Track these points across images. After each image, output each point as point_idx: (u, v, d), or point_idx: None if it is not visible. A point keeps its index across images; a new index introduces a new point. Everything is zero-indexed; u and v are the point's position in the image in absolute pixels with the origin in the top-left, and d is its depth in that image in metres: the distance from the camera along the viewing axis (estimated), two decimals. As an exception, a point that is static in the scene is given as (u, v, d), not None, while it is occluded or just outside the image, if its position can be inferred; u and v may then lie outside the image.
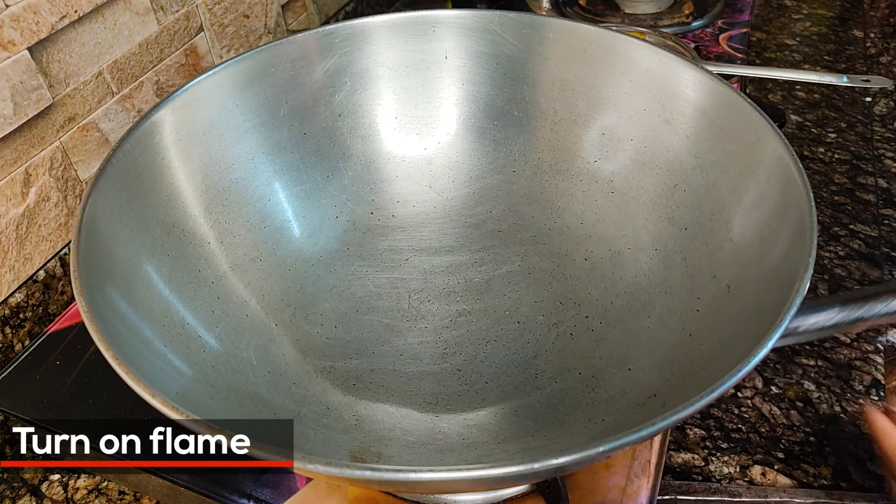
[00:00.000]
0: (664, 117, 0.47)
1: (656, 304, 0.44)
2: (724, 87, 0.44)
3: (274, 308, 0.47)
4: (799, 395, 0.47)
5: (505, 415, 0.42)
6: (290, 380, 0.43)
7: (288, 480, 0.41)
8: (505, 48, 0.53)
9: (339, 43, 0.52)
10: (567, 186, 0.53)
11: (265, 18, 0.71)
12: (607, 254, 0.49)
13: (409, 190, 0.56)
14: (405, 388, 0.44)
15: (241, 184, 0.49)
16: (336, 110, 0.54)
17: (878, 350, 0.50)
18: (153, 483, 0.42)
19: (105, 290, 0.35)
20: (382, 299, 0.50)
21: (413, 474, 0.25)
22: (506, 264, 0.52)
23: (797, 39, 0.90)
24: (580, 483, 0.40)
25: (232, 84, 0.49)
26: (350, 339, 0.47)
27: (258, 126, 0.50)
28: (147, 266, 0.40)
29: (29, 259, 0.51)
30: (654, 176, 0.48)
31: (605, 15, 0.89)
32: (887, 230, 0.61)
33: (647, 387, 0.39)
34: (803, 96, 0.79)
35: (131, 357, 0.30)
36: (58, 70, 0.49)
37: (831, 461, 0.44)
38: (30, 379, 0.46)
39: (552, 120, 0.53)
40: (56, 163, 0.51)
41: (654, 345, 0.42)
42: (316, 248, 0.52)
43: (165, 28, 0.58)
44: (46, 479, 0.44)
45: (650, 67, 0.48)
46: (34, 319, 0.51)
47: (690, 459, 0.44)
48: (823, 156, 0.69)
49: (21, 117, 0.47)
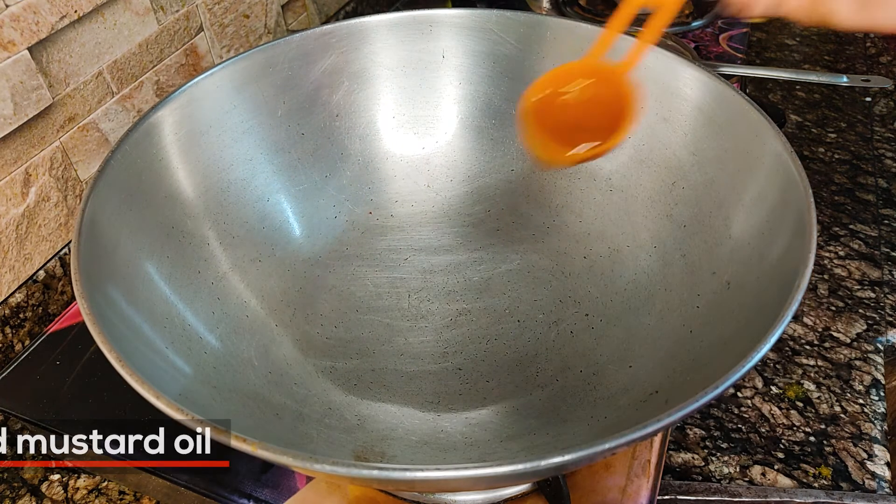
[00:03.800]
0: (662, 115, 0.48)
1: (656, 301, 0.44)
2: (721, 84, 0.44)
3: (274, 308, 0.47)
4: (799, 395, 0.47)
5: (507, 413, 0.42)
6: (292, 380, 0.43)
7: (288, 480, 0.41)
8: (503, 47, 0.53)
9: (336, 43, 0.52)
10: (565, 185, 0.53)
11: (265, 18, 0.71)
12: (606, 252, 0.49)
13: (408, 189, 0.56)
14: (406, 388, 0.44)
15: (240, 184, 0.49)
16: (334, 110, 0.54)
17: (878, 350, 0.50)
18: (153, 483, 0.42)
19: (106, 291, 0.35)
20: (382, 299, 0.50)
21: (419, 473, 0.25)
22: (505, 263, 0.52)
23: (797, 39, 0.90)
24: (580, 483, 0.40)
25: (230, 84, 0.49)
26: (350, 339, 0.47)
27: (256, 126, 0.50)
28: (147, 266, 0.40)
29: (29, 259, 0.51)
30: (653, 173, 0.48)
31: (605, 15, 0.89)
32: (887, 230, 0.61)
33: (648, 384, 0.39)
34: (803, 96, 0.79)
35: (133, 358, 0.30)
36: (58, 70, 0.49)
37: (831, 461, 0.44)
38: (30, 379, 0.46)
39: (552, 119, 0.53)
40: (56, 163, 0.51)
41: (655, 342, 0.42)
42: (315, 249, 0.52)
43: (165, 28, 0.58)
44: (46, 479, 0.44)
45: (648, 65, 0.48)
46: (34, 319, 0.51)
47: (690, 459, 0.44)
48: (823, 156, 0.69)
49: (21, 117, 0.47)
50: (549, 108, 0.41)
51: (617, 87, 0.40)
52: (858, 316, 0.52)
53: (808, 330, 0.52)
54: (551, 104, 0.41)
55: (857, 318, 0.52)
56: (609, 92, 0.40)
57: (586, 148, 0.40)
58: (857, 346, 0.50)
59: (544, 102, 0.41)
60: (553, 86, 0.41)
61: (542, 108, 0.41)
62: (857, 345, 0.50)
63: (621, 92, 0.40)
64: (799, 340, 0.51)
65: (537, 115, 0.41)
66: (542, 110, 0.41)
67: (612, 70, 0.40)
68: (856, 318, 0.52)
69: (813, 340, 0.51)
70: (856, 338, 0.51)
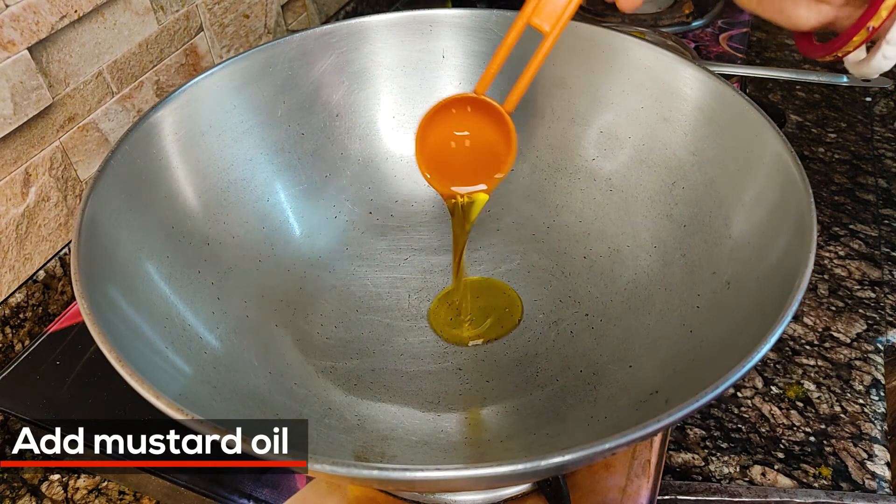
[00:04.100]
0: (662, 115, 0.48)
1: (656, 301, 0.44)
2: (721, 84, 0.44)
3: (274, 308, 0.47)
4: (799, 395, 0.47)
5: (507, 413, 0.42)
6: (292, 380, 0.43)
7: (288, 480, 0.41)
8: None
9: (336, 43, 0.52)
10: (565, 185, 0.53)
11: (265, 18, 0.71)
12: (606, 251, 0.49)
13: (408, 189, 0.56)
14: (407, 388, 0.44)
15: (240, 184, 0.49)
16: (334, 110, 0.54)
17: (878, 350, 0.50)
18: (153, 483, 0.42)
19: (106, 291, 0.35)
20: (382, 299, 0.50)
21: (419, 473, 0.25)
22: (505, 263, 0.52)
23: (796, 39, 0.90)
24: (580, 483, 0.40)
25: (230, 84, 0.49)
26: (350, 339, 0.47)
27: (256, 126, 0.50)
28: (147, 266, 0.40)
29: (29, 259, 0.51)
30: (653, 173, 0.48)
31: (606, 14, 0.89)
32: (887, 230, 0.61)
33: (648, 384, 0.39)
34: (803, 96, 0.79)
35: (133, 358, 0.30)
36: (58, 70, 0.49)
37: (831, 461, 0.44)
38: (30, 379, 0.46)
39: (550, 118, 0.53)
40: (56, 163, 0.51)
41: (655, 342, 0.42)
42: (315, 249, 0.52)
43: (165, 28, 0.58)
44: (46, 479, 0.44)
45: (648, 65, 0.48)
46: (34, 319, 0.51)
47: (690, 459, 0.44)
48: (823, 156, 0.69)
49: (21, 117, 0.47)
50: (435, 145, 0.43)
51: (498, 126, 0.42)
52: (858, 316, 0.52)
53: (808, 330, 0.52)
54: (437, 142, 0.43)
55: (857, 318, 0.52)
56: (491, 133, 0.42)
57: (467, 191, 0.44)
58: (858, 346, 0.50)
59: (431, 139, 0.43)
60: (443, 119, 0.43)
61: (429, 143, 0.43)
62: (858, 345, 0.50)
63: (502, 131, 0.42)
64: (799, 340, 0.51)
65: (425, 150, 0.43)
66: (429, 145, 0.43)
67: (496, 110, 0.41)
68: (856, 318, 0.52)
69: (813, 340, 0.51)
70: (856, 338, 0.51)
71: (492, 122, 0.41)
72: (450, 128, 0.43)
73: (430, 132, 0.43)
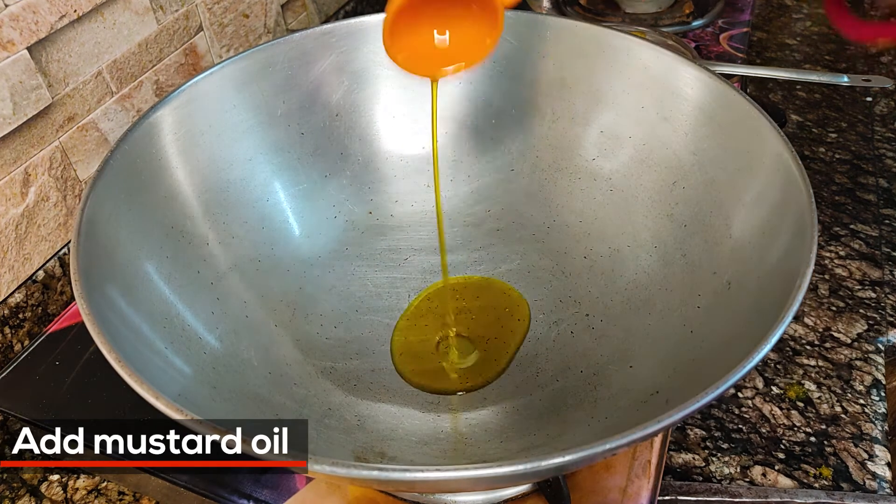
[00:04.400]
0: (663, 115, 0.47)
1: (657, 301, 0.44)
2: (721, 84, 0.44)
3: (274, 308, 0.47)
4: (799, 395, 0.47)
5: (507, 414, 0.42)
6: (292, 380, 0.43)
7: (287, 481, 0.41)
8: (503, 47, 0.53)
9: (336, 42, 0.52)
10: (566, 185, 0.53)
11: (265, 18, 0.71)
12: (607, 251, 0.49)
13: (408, 189, 0.56)
14: (406, 388, 0.44)
15: (240, 184, 0.49)
16: (334, 110, 0.54)
17: (879, 350, 0.50)
18: (153, 483, 0.42)
19: (105, 291, 0.35)
20: (382, 299, 0.50)
21: (419, 473, 0.25)
22: (505, 263, 0.52)
23: (798, 39, 0.90)
24: (580, 483, 0.39)
25: (229, 84, 0.49)
26: (350, 339, 0.47)
27: (256, 126, 0.50)
28: (147, 266, 0.40)
29: (28, 259, 0.50)
30: (653, 173, 0.48)
31: (606, 14, 0.89)
32: (888, 230, 0.61)
33: (649, 384, 0.39)
34: (804, 96, 0.79)
35: (133, 358, 0.30)
36: (57, 70, 0.49)
37: (832, 461, 0.44)
38: (29, 379, 0.46)
39: (550, 118, 0.53)
40: (55, 162, 0.51)
41: (656, 342, 0.42)
42: (315, 249, 0.52)
43: (165, 28, 0.58)
44: (46, 480, 0.44)
45: (648, 65, 0.48)
46: (33, 319, 0.51)
47: (691, 460, 0.44)
48: (824, 155, 0.69)
49: (20, 117, 0.47)
50: (412, 20, 0.41)
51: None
52: (859, 316, 0.52)
53: (808, 330, 0.52)
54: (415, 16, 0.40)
55: (858, 318, 0.52)
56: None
57: (451, 68, 0.41)
58: (858, 346, 0.50)
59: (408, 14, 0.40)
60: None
61: (405, 20, 0.41)
62: (858, 345, 0.50)
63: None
64: (800, 340, 0.51)
65: (400, 26, 0.41)
66: (404, 22, 0.41)
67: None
68: (856, 319, 0.52)
69: (813, 340, 0.51)
70: (856, 338, 0.51)
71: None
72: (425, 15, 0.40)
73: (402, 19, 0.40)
